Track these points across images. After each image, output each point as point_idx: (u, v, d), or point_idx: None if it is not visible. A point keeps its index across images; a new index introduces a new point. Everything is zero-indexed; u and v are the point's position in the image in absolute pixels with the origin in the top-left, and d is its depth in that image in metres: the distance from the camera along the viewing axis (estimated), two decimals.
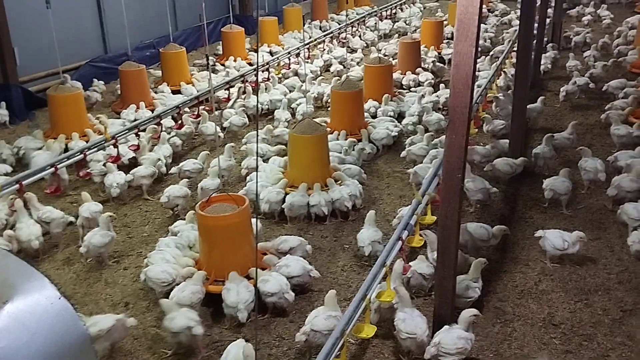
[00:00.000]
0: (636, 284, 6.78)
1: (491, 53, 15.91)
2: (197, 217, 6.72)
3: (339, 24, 19.96)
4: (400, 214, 7.76)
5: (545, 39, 16.88)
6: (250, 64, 15.37)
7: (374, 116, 11.75)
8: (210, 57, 16.04)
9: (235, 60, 15.50)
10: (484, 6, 23.50)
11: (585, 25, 19.97)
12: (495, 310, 6.45)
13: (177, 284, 6.31)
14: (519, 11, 11.81)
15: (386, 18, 21.82)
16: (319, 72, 15.09)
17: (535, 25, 11.55)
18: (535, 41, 13.95)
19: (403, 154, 9.93)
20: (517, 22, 14.79)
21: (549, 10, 16.73)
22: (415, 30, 18.71)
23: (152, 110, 11.67)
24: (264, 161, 9.63)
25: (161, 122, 10.71)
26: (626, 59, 15.20)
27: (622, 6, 23.87)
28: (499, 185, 9.03)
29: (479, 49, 6.39)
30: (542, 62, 14.66)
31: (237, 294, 6.07)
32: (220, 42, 17.24)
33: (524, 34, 9.70)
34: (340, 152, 9.68)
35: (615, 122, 10.40)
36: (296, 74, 14.73)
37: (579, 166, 9.05)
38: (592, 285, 6.79)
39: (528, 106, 10.67)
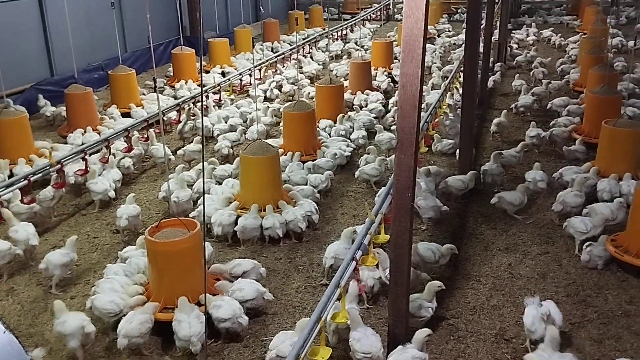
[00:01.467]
0: (584, 296, 6.95)
1: (440, 73, 16.26)
2: (146, 242, 6.56)
3: (291, 45, 20.06)
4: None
5: (492, 59, 17.37)
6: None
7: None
8: (159, 79, 16.00)
9: (186, 82, 15.38)
10: (432, 27, 24.06)
11: (530, 45, 20.64)
12: (448, 327, 6.50)
13: (125, 315, 6.13)
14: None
15: (337, 39, 22.07)
16: (271, 94, 15.09)
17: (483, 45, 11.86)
18: (481, 61, 14.38)
19: (356, 174, 9.99)
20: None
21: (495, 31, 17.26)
22: (366, 51, 18.98)
23: (99, 134, 11.44)
24: (217, 183, 9.53)
25: (110, 145, 10.48)
26: (569, 77, 15.75)
27: (565, 26, 24.79)
28: (450, 203, 9.17)
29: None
30: (489, 81, 15.06)
31: (189, 326, 5.88)
32: (171, 64, 17.08)
33: (470, 54, 9.94)
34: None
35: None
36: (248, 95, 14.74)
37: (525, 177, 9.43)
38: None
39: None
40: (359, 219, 8.85)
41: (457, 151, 10.39)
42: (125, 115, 13.05)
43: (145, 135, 11.30)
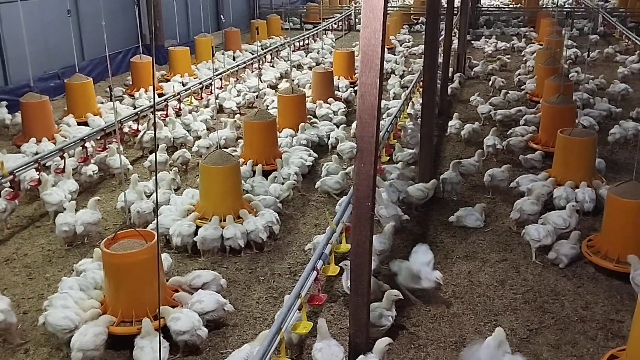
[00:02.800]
0: (541, 303, 7.06)
1: (401, 82, 16.44)
2: (102, 255, 6.41)
3: (252, 54, 20.01)
4: (315, 241, 7.77)
5: (451, 69, 17.64)
6: (161, 95, 15.05)
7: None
8: (118, 88, 15.74)
9: (146, 91, 15.16)
10: (393, 38, 24.31)
11: (488, 56, 21.03)
12: (409, 335, 6.52)
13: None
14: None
15: (299, 49, 22.12)
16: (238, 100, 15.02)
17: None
18: (441, 71, 14.60)
19: (317, 184, 9.97)
20: None
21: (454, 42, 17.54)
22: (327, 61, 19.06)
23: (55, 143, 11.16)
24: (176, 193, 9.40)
25: (64, 155, 10.22)
26: (526, 87, 16.09)
27: (522, 38, 25.36)
28: (410, 211, 9.23)
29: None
30: (448, 91, 15.29)
31: (152, 350, 5.66)
32: (130, 73, 16.83)
33: (429, 65, 10.08)
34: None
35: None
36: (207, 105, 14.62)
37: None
38: (500, 306, 7.00)
39: None
40: (321, 229, 8.83)
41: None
42: (82, 124, 12.77)
43: (103, 145, 11.08)
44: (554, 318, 6.77)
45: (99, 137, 11.21)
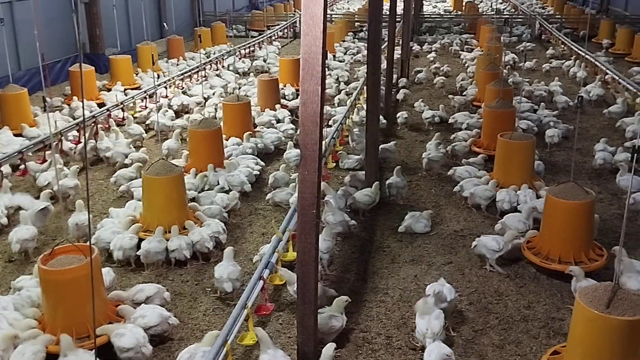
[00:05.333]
0: (485, 304, 7.19)
1: (346, 90, 16.57)
2: (39, 271, 6.16)
3: (197, 63, 19.76)
4: (262, 251, 7.70)
5: (396, 76, 17.91)
6: (101, 105, 14.68)
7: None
8: (57, 98, 15.27)
9: (82, 100, 14.73)
10: (338, 45, 24.44)
11: (431, 62, 21.42)
12: (359, 340, 6.53)
13: None
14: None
15: (244, 56, 22.01)
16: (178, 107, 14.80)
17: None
18: (385, 78, 14.77)
19: (268, 196, 9.89)
20: None
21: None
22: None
23: None
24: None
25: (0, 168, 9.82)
26: (468, 92, 16.45)
27: (463, 44, 25.97)
28: (358, 217, 9.28)
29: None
30: (393, 97, 15.48)
31: None
32: (69, 82, 16.35)
33: (373, 71, 10.17)
34: None
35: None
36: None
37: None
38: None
39: None
40: (268, 238, 8.76)
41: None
42: (17, 136, 12.31)
43: (42, 158, 10.71)
44: (498, 318, 6.90)
45: (36, 150, 10.84)
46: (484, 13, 33.09)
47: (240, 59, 21.07)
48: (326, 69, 13.37)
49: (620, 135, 13.02)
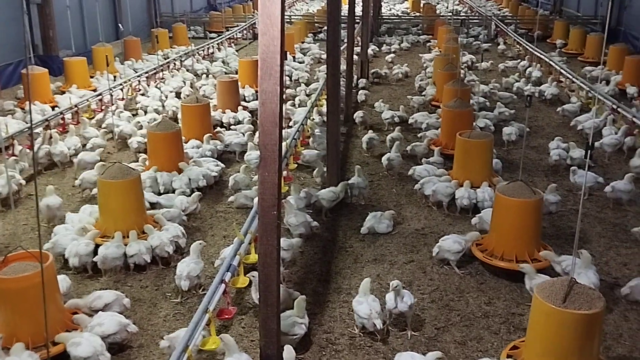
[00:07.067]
0: (447, 301, 7.26)
1: (307, 91, 16.55)
2: None
3: (154, 64, 19.46)
4: (223, 255, 7.60)
5: (356, 76, 17.97)
6: (55, 107, 14.30)
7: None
8: (9, 102, 14.82)
9: (35, 104, 14.33)
10: (297, 46, 24.43)
11: (389, 63, 21.57)
12: (322, 341, 6.50)
13: None
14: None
15: (203, 58, 21.77)
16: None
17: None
18: (345, 78, 14.81)
19: (231, 199, 9.78)
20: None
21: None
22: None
23: None
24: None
25: None
26: (426, 92, 16.62)
27: (421, 45, 26.28)
28: (320, 218, 9.26)
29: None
30: (354, 97, 15.54)
31: None
32: (22, 85, 15.89)
33: (332, 72, 10.17)
34: None
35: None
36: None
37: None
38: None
39: None
40: (230, 240, 8.66)
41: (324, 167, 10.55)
42: None
43: None
44: (460, 315, 6.97)
45: None
46: (442, 14, 33.52)
47: (197, 61, 20.81)
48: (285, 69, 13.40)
49: (574, 133, 13.35)
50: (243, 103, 15.25)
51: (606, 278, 7.59)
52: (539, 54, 19.94)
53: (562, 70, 17.82)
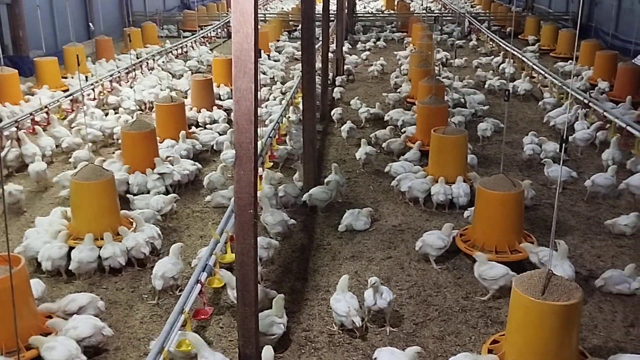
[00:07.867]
0: (425, 296, 7.29)
1: (283, 89, 16.49)
2: None
3: (126, 64, 19.21)
4: (199, 255, 7.53)
5: (331, 74, 17.96)
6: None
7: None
8: None
9: (4, 105, 14.08)
10: (272, 44, 24.36)
11: (364, 60, 21.61)
12: (301, 340, 6.48)
13: None
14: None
15: (177, 57, 21.56)
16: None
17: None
18: (321, 76, 14.80)
19: (208, 198, 9.69)
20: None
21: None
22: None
23: None
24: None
25: None
26: (402, 90, 16.67)
27: (396, 42, 26.38)
28: (297, 216, 9.23)
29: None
30: (330, 95, 15.53)
31: None
32: None
33: (307, 70, 10.14)
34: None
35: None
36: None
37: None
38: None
39: None
40: (206, 240, 8.58)
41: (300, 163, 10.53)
42: None
43: None
44: (438, 310, 7.00)
45: None
46: (415, 12, 33.69)
47: (170, 60, 20.60)
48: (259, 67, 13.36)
49: (548, 128, 13.51)
50: (218, 102, 15.15)
51: (581, 270, 7.69)
52: (512, 51, 20.14)
53: (534, 66, 18.03)
